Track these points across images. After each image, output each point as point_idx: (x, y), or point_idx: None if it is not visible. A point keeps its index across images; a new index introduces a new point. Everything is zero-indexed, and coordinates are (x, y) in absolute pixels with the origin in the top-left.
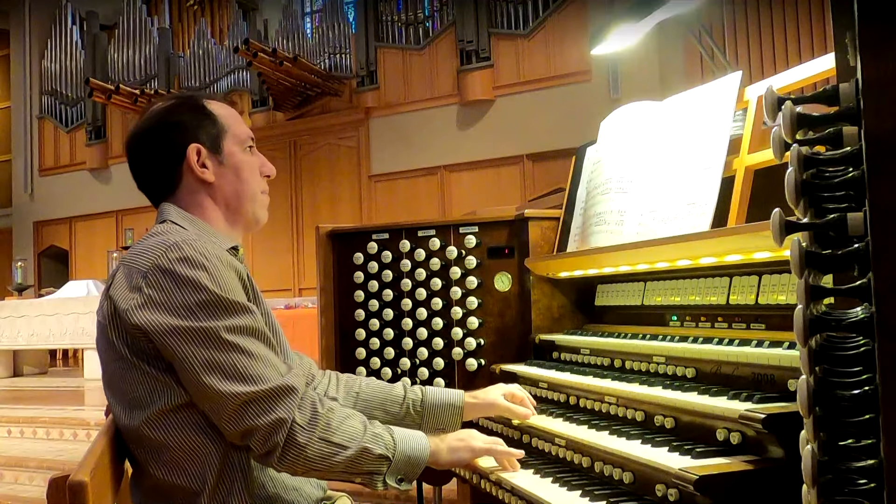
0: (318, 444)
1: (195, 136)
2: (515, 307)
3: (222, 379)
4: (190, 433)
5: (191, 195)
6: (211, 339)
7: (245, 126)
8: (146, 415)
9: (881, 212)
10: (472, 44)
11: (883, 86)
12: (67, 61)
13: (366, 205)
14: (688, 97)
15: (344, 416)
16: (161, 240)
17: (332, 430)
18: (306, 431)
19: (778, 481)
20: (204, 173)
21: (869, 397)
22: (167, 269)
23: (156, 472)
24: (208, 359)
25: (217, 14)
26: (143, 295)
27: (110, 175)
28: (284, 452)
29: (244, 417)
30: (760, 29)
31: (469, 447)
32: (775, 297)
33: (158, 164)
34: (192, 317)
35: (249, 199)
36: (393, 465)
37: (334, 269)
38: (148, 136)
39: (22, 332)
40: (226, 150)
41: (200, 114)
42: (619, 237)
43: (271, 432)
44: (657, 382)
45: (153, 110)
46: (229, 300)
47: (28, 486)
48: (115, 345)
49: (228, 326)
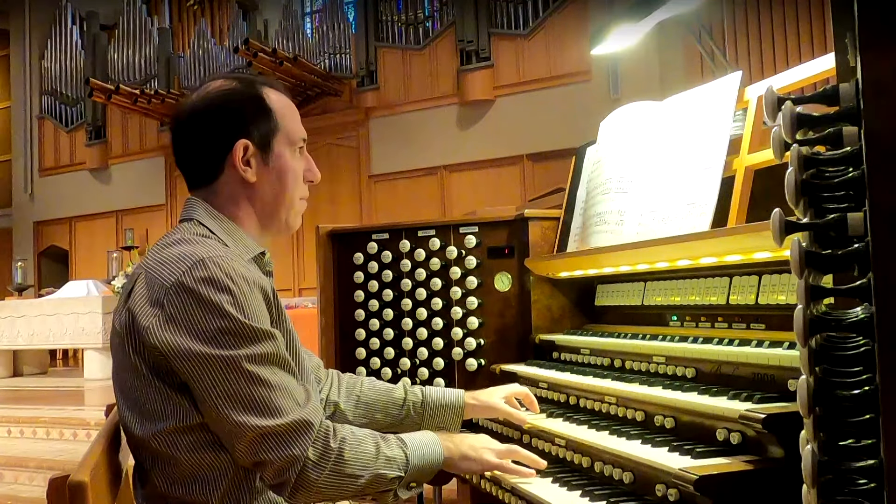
0: (329, 477)
1: (246, 131)
2: (515, 307)
3: (240, 410)
4: (200, 453)
5: (228, 191)
6: (231, 368)
7: (300, 124)
8: (157, 428)
9: (881, 212)
10: (472, 44)
11: (883, 86)
12: (67, 61)
13: (366, 205)
14: (688, 97)
15: (356, 442)
16: (188, 251)
17: (345, 461)
18: (318, 468)
19: (778, 481)
20: (246, 172)
21: (869, 397)
22: (191, 290)
23: (160, 481)
24: (227, 388)
25: (217, 14)
26: (165, 313)
27: (110, 175)
28: (295, 489)
29: (259, 451)
30: (760, 29)
31: (481, 461)
32: (775, 297)
33: (202, 151)
34: (212, 343)
35: (287, 205)
36: (405, 479)
37: (334, 269)
38: (200, 117)
39: (22, 332)
40: (275, 150)
41: (258, 106)
42: (619, 237)
43: (284, 469)
44: (657, 382)
45: (211, 89)
46: (252, 327)
47: (28, 486)
48: (130, 357)
49: (249, 356)
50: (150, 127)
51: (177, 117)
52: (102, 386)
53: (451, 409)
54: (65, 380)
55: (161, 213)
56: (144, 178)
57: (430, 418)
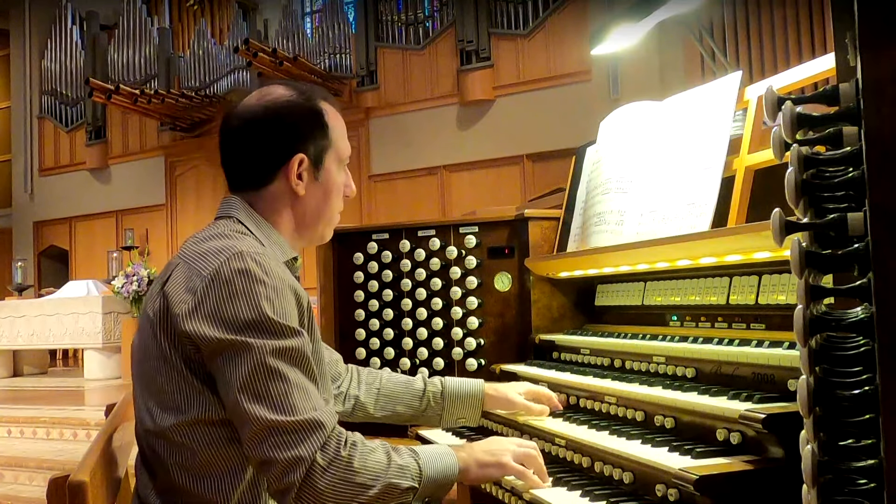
0: (338, 485)
1: (304, 146)
2: (515, 307)
3: (254, 400)
4: (218, 448)
5: (274, 200)
6: (254, 358)
7: (347, 142)
8: (178, 420)
9: (881, 212)
10: (472, 44)
11: (883, 86)
12: (67, 61)
13: (366, 205)
14: (688, 97)
15: (367, 450)
16: (228, 244)
17: (355, 470)
18: (327, 475)
19: (778, 481)
20: (297, 185)
21: (869, 397)
22: (227, 280)
23: (175, 475)
24: (246, 377)
25: (217, 14)
26: (197, 299)
27: (110, 175)
28: (300, 494)
29: (264, 445)
30: (760, 29)
31: (499, 464)
32: (775, 297)
33: (257, 158)
34: (241, 332)
35: (326, 219)
36: (420, 492)
37: (334, 268)
38: (260, 125)
39: (22, 332)
40: (325, 166)
41: (317, 121)
42: (619, 237)
43: (288, 469)
44: (657, 382)
45: (270, 98)
46: (281, 324)
47: (28, 486)
48: (160, 343)
49: (275, 349)
50: (150, 127)
51: (231, 120)
52: (102, 386)
53: (470, 399)
54: (65, 380)
55: (161, 213)
56: (144, 178)
57: (451, 408)
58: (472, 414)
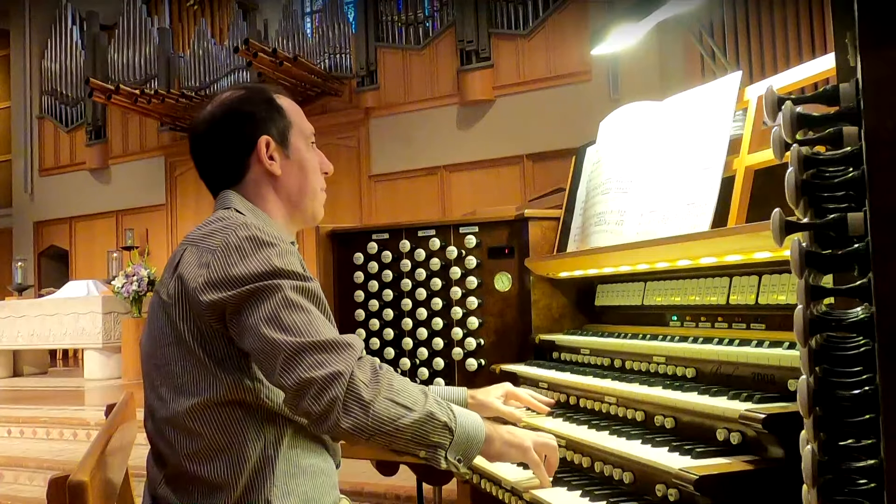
0: (384, 402)
1: (266, 129)
2: (515, 307)
3: (280, 330)
4: (230, 431)
5: (255, 186)
6: (276, 295)
7: (307, 121)
8: (191, 403)
9: (881, 212)
10: (472, 44)
11: (883, 86)
12: (67, 61)
13: (366, 205)
14: (688, 97)
15: (404, 380)
16: (229, 222)
17: (396, 391)
18: (370, 388)
19: (778, 481)
20: (272, 165)
21: (869, 397)
22: (237, 246)
23: (184, 463)
24: (271, 312)
25: (217, 14)
26: (211, 269)
27: (110, 175)
28: (347, 408)
29: (299, 368)
30: (760, 29)
31: (523, 447)
32: (775, 297)
33: (228, 154)
34: (258, 279)
35: (310, 195)
36: (455, 441)
37: (334, 269)
38: (219, 125)
39: (22, 332)
40: (293, 144)
41: (271, 106)
42: (619, 237)
43: (328, 385)
44: (657, 382)
45: (223, 99)
46: (292, 270)
47: (28, 486)
48: (176, 326)
49: (293, 286)
50: (150, 127)
51: (195, 130)
52: (102, 386)
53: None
54: (65, 380)
55: (161, 213)
56: (144, 178)
57: None
58: None
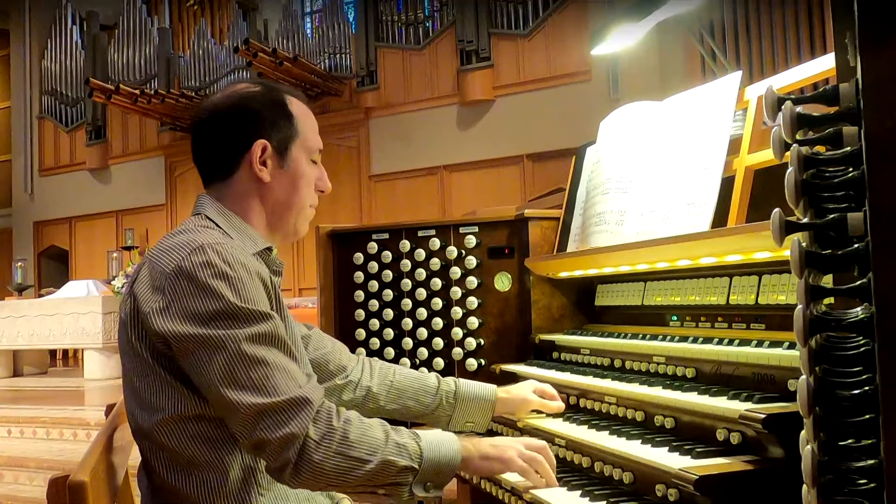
0: (334, 458)
1: (266, 132)
2: (515, 307)
3: (237, 389)
4: (200, 445)
5: (241, 188)
6: (228, 348)
7: (318, 136)
8: (157, 418)
9: (881, 212)
10: (472, 44)
11: (883, 86)
12: (67, 61)
13: (366, 205)
14: (688, 97)
15: (364, 426)
16: (188, 238)
17: (350, 443)
18: (322, 447)
19: (778, 481)
20: (261, 171)
21: (869, 397)
22: (190, 275)
23: (163, 473)
24: (224, 368)
25: (217, 14)
26: (165, 299)
27: (110, 175)
28: (298, 469)
29: (256, 429)
30: (760, 29)
31: (503, 458)
32: (775, 297)
33: (221, 147)
34: (210, 325)
35: (296, 210)
36: (420, 475)
37: (334, 269)
38: (221, 115)
39: (22, 332)
40: (292, 155)
41: (280, 111)
42: (619, 237)
43: (282, 447)
44: (657, 382)
45: (235, 90)
46: (249, 310)
47: (28, 486)
48: (133, 344)
49: (248, 335)
50: (150, 127)
51: (198, 115)
52: (102, 386)
53: (482, 402)
54: (65, 380)
55: (161, 213)
56: (144, 178)
57: (462, 410)
58: (482, 419)
